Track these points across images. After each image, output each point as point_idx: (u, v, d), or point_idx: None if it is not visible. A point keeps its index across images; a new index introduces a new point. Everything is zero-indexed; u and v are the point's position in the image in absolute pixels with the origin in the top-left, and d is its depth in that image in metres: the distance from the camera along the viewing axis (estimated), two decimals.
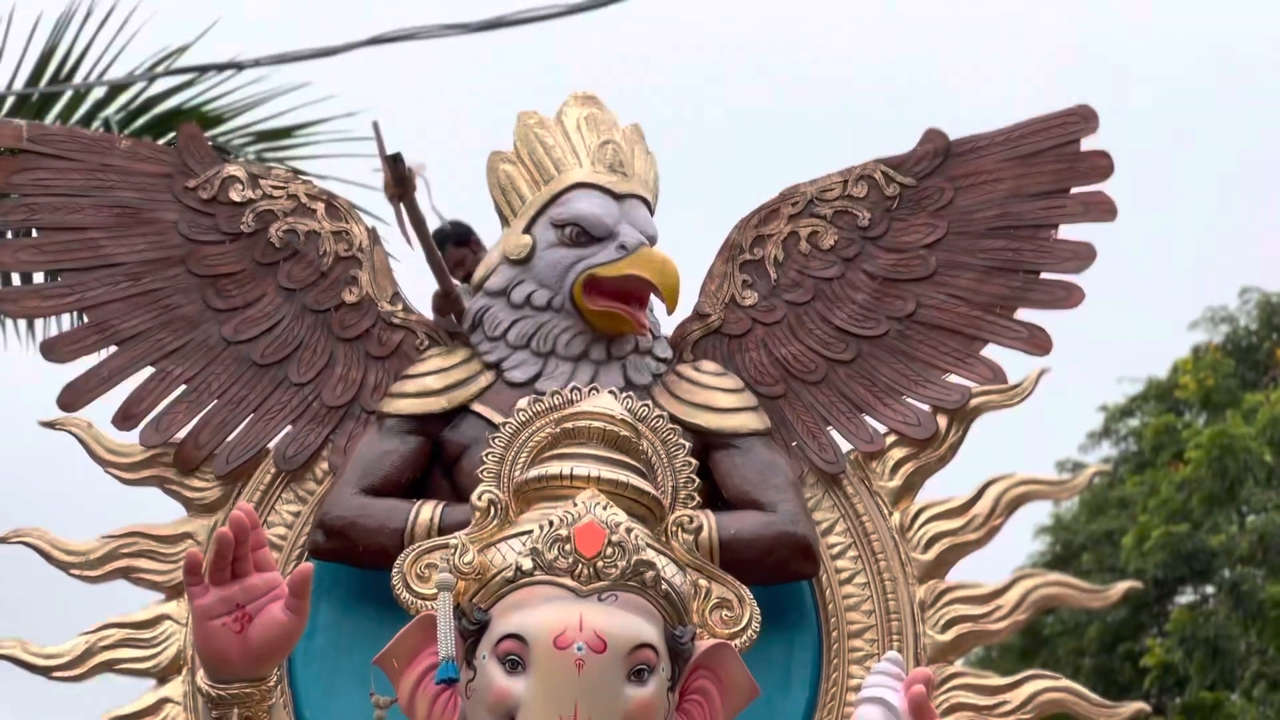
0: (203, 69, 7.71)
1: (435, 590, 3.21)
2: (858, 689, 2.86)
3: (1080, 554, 17.76)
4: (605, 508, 3.21)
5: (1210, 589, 17.06)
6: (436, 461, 4.24)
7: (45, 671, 4.24)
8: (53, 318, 4.91)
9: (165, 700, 4.22)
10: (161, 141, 6.62)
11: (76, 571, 4.30)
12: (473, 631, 3.14)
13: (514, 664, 3.07)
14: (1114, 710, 4.31)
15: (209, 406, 4.35)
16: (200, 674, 3.15)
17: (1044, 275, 4.50)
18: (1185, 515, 15.85)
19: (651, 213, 4.38)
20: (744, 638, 3.38)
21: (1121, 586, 4.41)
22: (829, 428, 4.38)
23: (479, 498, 3.37)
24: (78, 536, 4.32)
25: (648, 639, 3.11)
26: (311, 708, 4.13)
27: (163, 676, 4.24)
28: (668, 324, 4.39)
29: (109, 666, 4.25)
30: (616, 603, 3.12)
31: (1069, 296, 4.47)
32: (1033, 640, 17.79)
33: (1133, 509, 17.22)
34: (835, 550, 4.30)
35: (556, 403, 3.56)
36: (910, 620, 4.25)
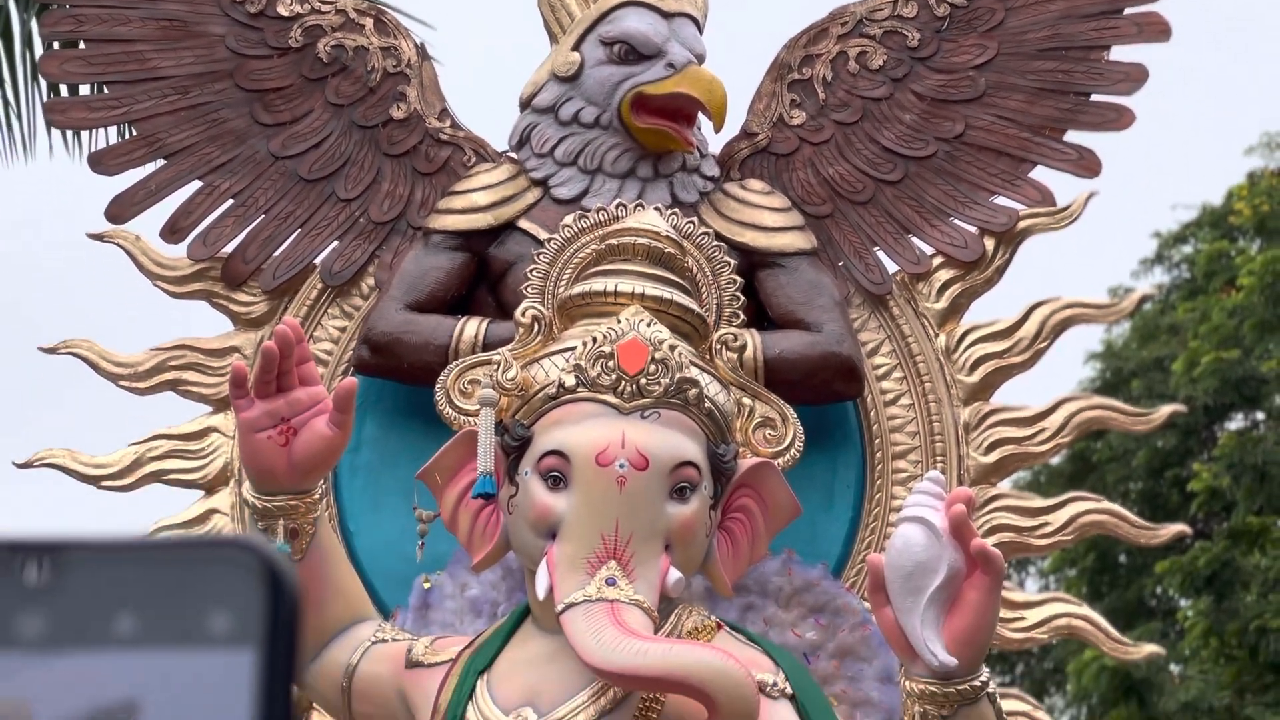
0: None
1: (477, 406, 3.23)
2: (900, 510, 2.86)
3: (1130, 380, 17.70)
4: (649, 324, 3.21)
5: (1260, 415, 17.03)
6: (482, 278, 4.23)
7: (94, 481, 4.28)
8: (100, 130, 4.89)
9: (213, 511, 4.26)
10: None
11: (125, 383, 4.32)
12: (515, 447, 3.16)
13: (556, 480, 3.09)
14: (1155, 532, 4.31)
15: (256, 221, 4.35)
16: (246, 486, 3.19)
17: (1094, 97, 4.45)
18: (1236, 341, 15.78)
19: (700, 31, 4.33)
20: (787, 456, 3.39)
21: (1165, 410, 4.40)
22: (875, 248, 4.36)
23: (523, 313, 3.38)
24: (125, 350, 4.34)
25: (690, 457, 3.12)
26: (356, 521, 4.16)
27: (210, 488, 4.28)
28: (715, 142, 4.36)
29: (157, 477, 4.29)
30: (659, 420, 3.13)
31: (1119, 118, 4.42)
32: (1081, 466, 17.80)
33: (1184, 335, 17.14)
34: (880, 371, 4.30)
35: (602, 219, 3.55)
36: (954, 442, 4.26)
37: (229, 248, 4.36)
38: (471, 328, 4.03)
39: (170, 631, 0.77)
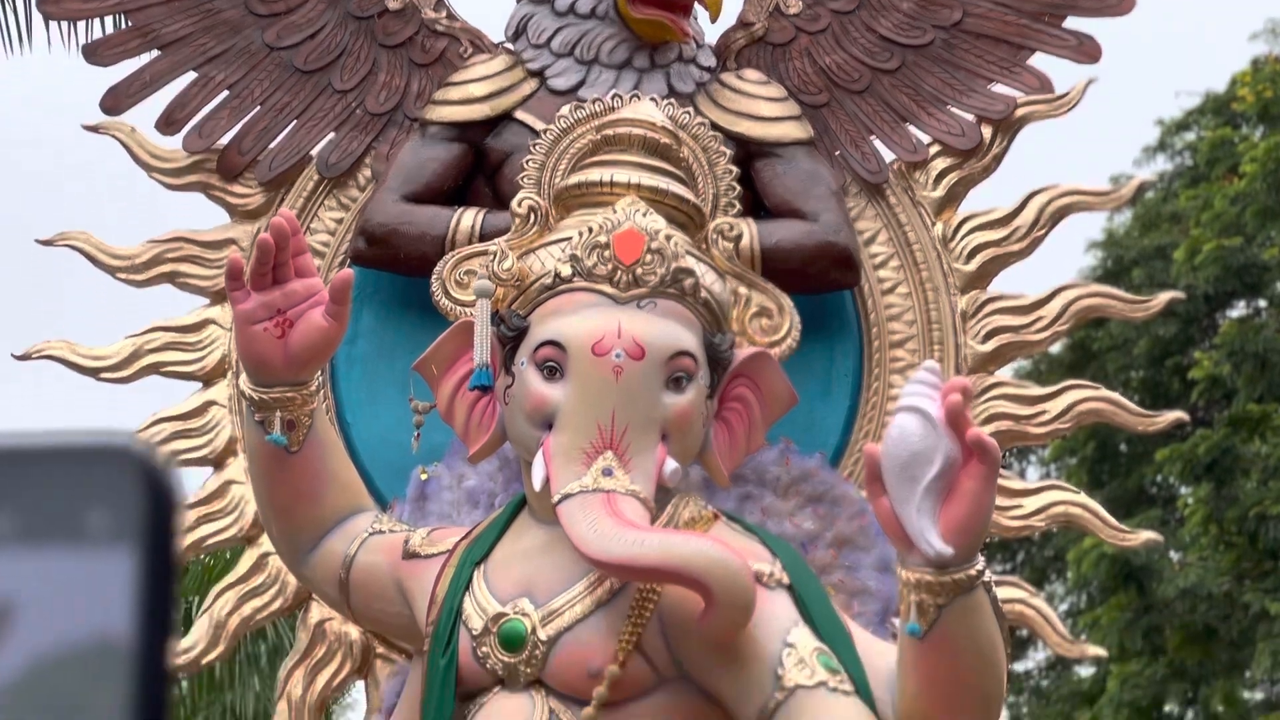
0: None
1: (474, 297, 3.22)
2: (897, 399, 2.85)
3: (1131, 269, 17.68)
4: (645, 214, 3.20)
5: (1261, 302, 17.03)
6: (479, 169, 4.22)
7: (93, 373, 4.28)
8: (95, 21, 4.86)
9: (210, 403, 4.27)
10: None
11: (123, 275, 4.32)
12: (511, 338, 3.16)
13: (552, 370, 3.09)
14: (1152, 419, 4.32)
15: (252, 113, 4.33)
16: (243, 378, 3.19)
17: None
18: (1238, 229, 15.76)
19: None
20: (783, 346, 3.39)
21: (1164, 297, 4.39)
22: (872, 137, 4.34)
23: (519, 204, 3.37)
24: (119, 242, 4.34)
25: (686, 346, 3.12)
26: (353, 412, 4.17)
27: (208, 379, 4.29)
28: (711, 33, 4.34)
29: (155, 369, 4.29)
30: (655, 310, 3.12)
31: (1120, 4, 4.38)
32: (1081, 355, 17.81)
33: (1185, 223, 17.12)
34: (877, 260, 4.29)
35: (598, 109, 3.54)
36: (951, 330, 4.26)
37: (224, 140, 4.34)
38: (468, 218, 4.02)
39: (47, 530, 0.76)
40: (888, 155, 4.33)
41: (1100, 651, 4.88)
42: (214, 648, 4.22)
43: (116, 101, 4.33)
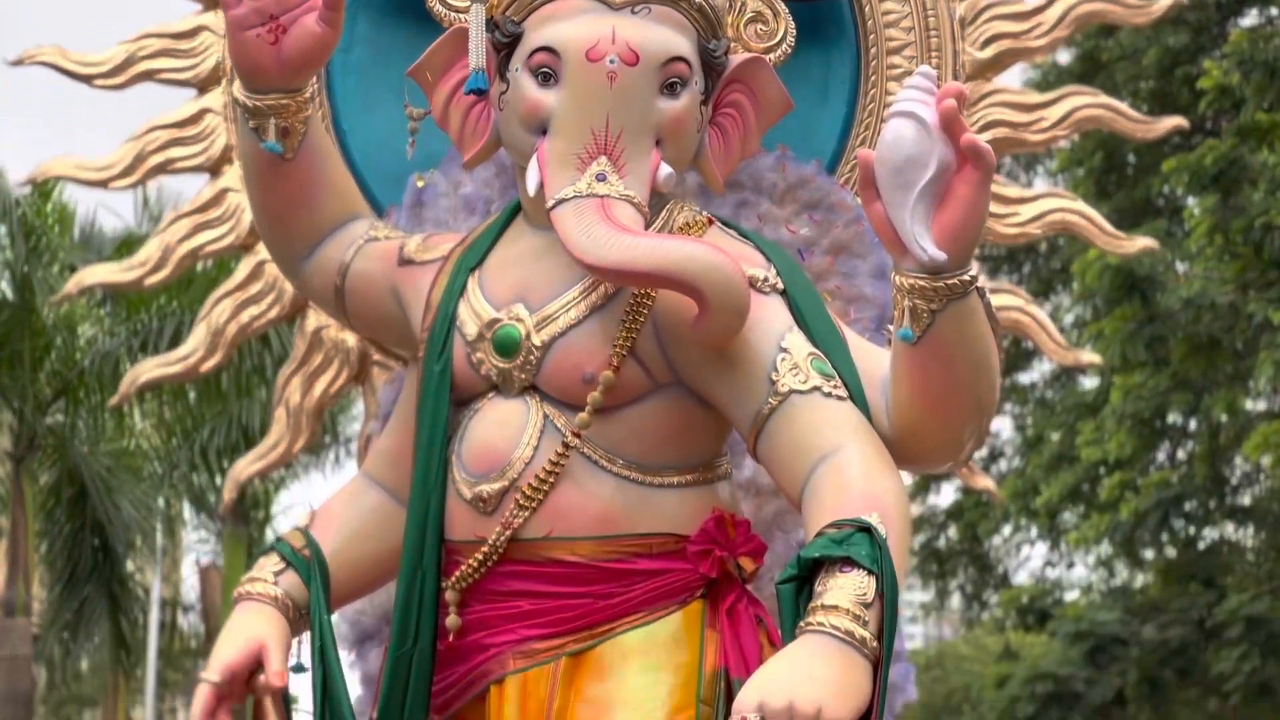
0: None
1: (468, 2, 3.19)
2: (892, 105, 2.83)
3: None
4: None
5: (1273, 11, 16.84)
6: None
7: (87, 80, 4.27)
8: None
9: (205, 111, 4.26)
10: None
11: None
12: (505, 44, 3.13)
13: (546, 76, 3.07)
14: (1151, 125, 4.30)
15: None
16: (237, 85, 3.18)
17: None
18: None
19: None
20: (778, 52, 3.36)
21: (1166, 1, 4.35)
22: None
23: None
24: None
25: (681, 52, 3.09)
26: (349, 120, 4.15)
27: (202, 86, 4.27)
28: None
29: (149, 76, 4.27)
30: (649, 15, 3.09)
31: None
32: (1090, 65, 17.68)
33: None
34: None
35: None
36: (950, 37, 4.21)
37: None
38: None
39: None
40: None
41: (1095, 358, 4.91)
42: (211, 355, 4.26)
43: None
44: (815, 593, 2.57)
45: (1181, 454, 19.05)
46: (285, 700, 3.15)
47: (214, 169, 4.25)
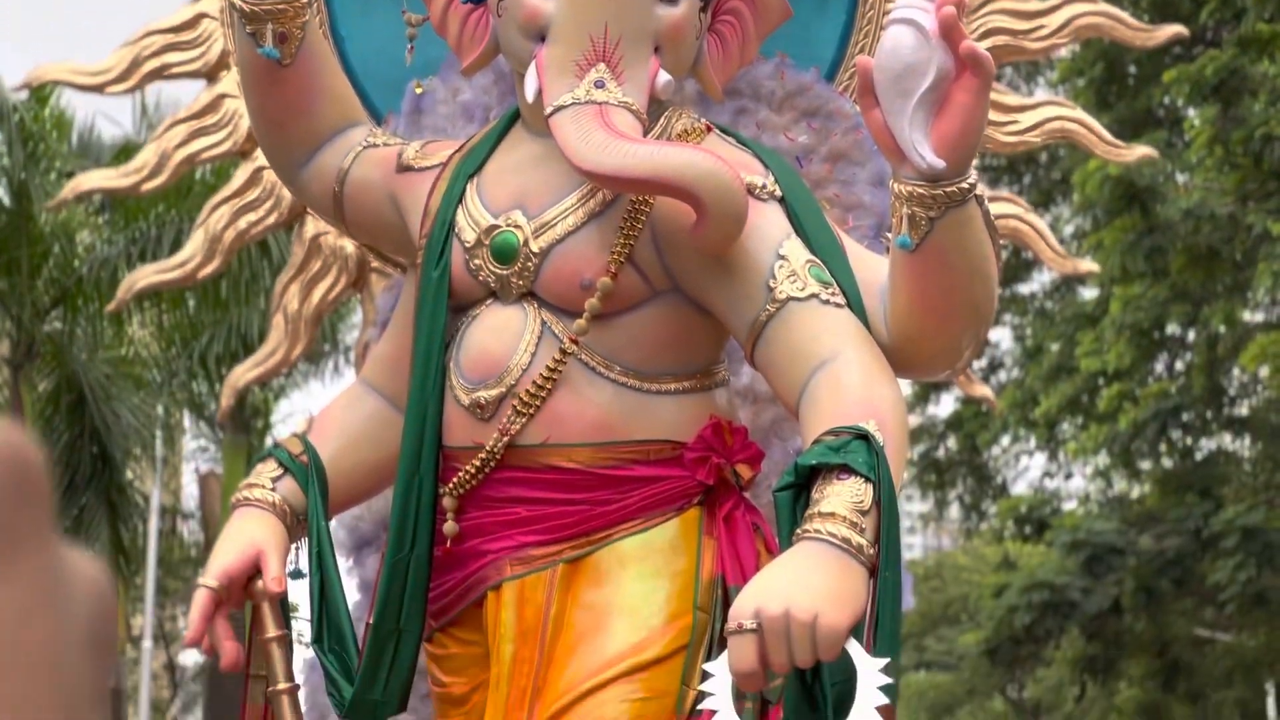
0: None
1: None
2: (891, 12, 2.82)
3: None
4: None
5: None
6: None
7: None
8: None
9: (202, 15, 4.26)
10: None
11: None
12: None
13: None
14: (1151, 33, 4.29)
15: None
16: None
17: None
18: None
19: None
20: None
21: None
22: None
23: None
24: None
25: None
26: (347, 26, 4.13)
27: (212, 75, 4.26)
28: None
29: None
30: None
31: None
32: None
33: None
34: None
35: None
36: None
37: None
38: None
39: None
40: None
41: (1094, 266, 4.91)
42: (209, 262, 4.26)
43: None
44: (812, 500, 2.57)
45: (1180, 365, 19.09)
46: (283, 606, 3.16)
47: (211, 74, 4.23)
